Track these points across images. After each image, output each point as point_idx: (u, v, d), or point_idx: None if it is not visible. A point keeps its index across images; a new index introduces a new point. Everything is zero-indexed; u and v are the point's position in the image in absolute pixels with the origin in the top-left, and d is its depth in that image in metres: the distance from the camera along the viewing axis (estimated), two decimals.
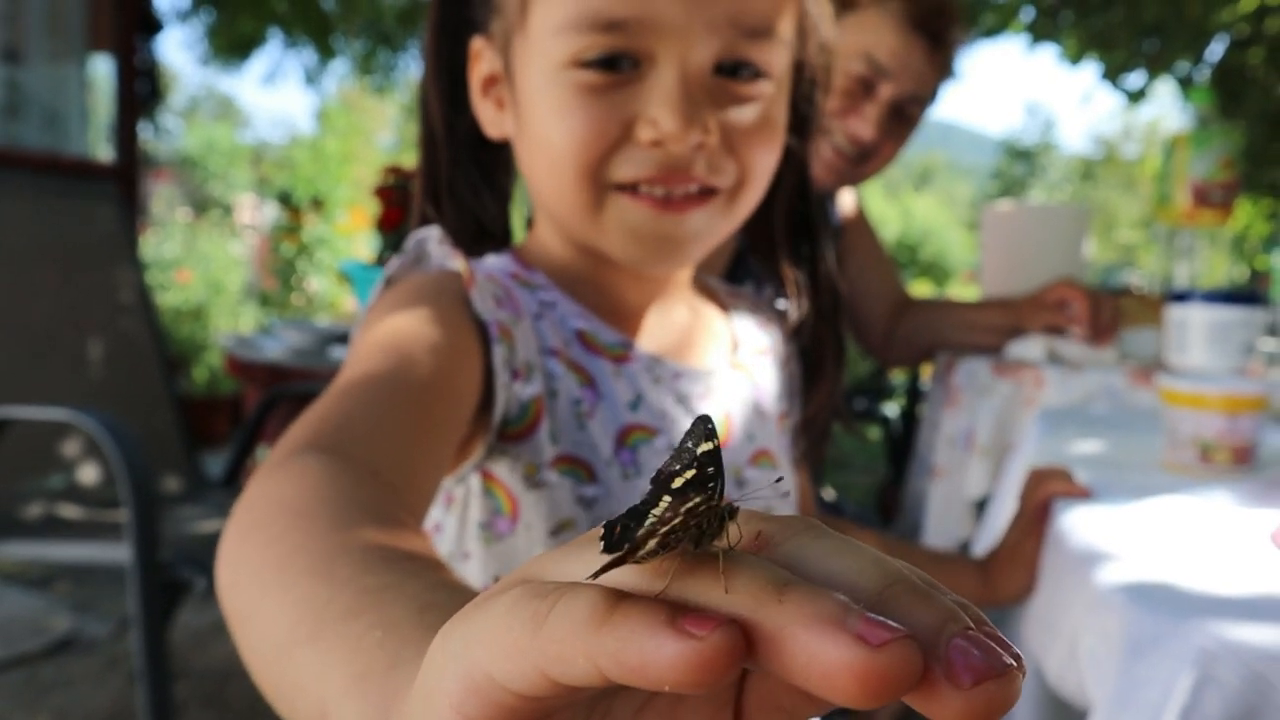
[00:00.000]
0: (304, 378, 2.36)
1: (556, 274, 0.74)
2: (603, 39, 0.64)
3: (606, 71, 0.65)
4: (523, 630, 0.22)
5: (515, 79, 0.70)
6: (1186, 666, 0.55)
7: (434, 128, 0.78)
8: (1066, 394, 1.42)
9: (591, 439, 0.68)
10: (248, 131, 26.46)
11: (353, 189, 6.95)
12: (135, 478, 1.63)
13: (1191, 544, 0.71)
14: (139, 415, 2.28)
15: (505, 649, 0.23)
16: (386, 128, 20.53)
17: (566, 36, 0.65)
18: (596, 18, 0.64)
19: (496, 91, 0.74)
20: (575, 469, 0.67)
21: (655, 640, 0.21)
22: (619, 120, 0.65)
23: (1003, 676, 0.21)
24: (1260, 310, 1.43)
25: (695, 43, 0.65)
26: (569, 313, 0.72)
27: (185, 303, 5.27)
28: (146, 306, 2.45)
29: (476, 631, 0.24)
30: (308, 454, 0.48)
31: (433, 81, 0.77)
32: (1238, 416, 0.93)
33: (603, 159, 0.66)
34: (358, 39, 4.81)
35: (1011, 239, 1.88)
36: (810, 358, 0.86)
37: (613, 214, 0.68)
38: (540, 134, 0.68)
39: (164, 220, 6.78)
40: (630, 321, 0.75)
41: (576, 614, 0.22)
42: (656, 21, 0.64)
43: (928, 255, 19.25)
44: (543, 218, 0.76)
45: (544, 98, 0.67)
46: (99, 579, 3.08)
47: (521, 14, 0.68)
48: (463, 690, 0.24)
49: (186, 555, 1.66)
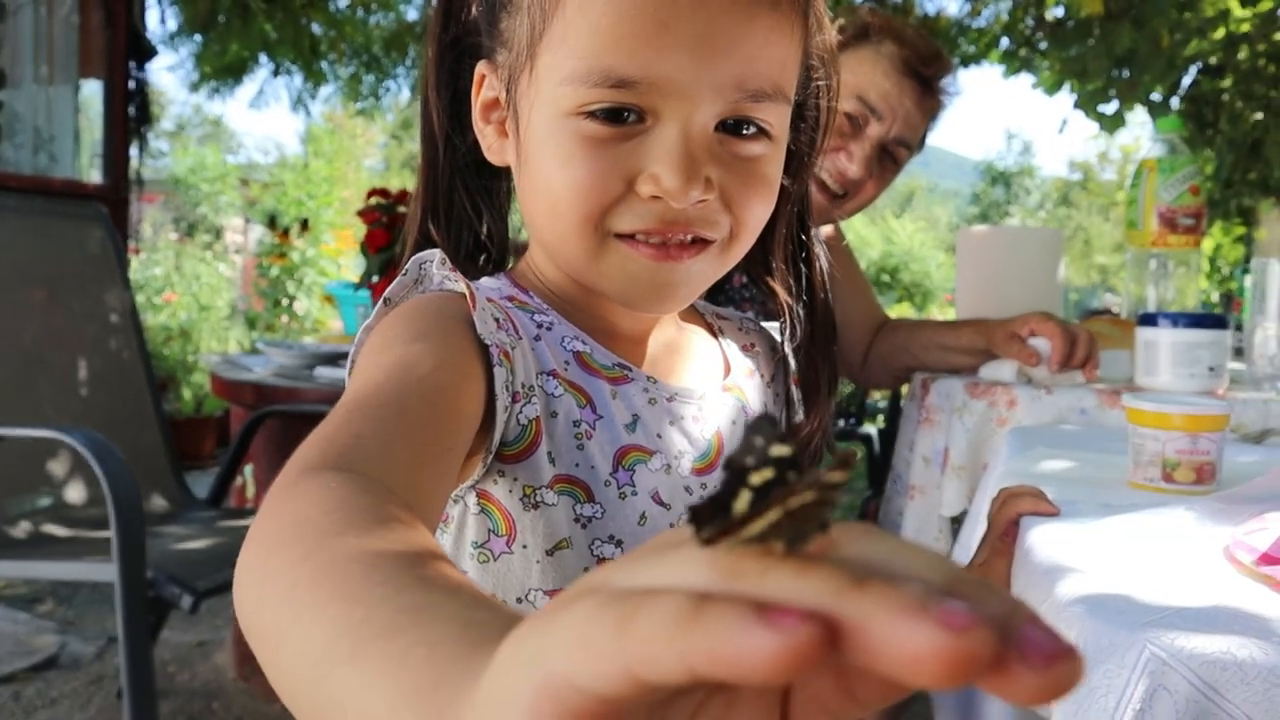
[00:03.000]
0: (290, 398, 2.37)
1: (552, 298, 0.76)
2: (610, 94, 0.65)
3: (611, 124, 0.66)
4: (609, 633, 0.23)
5: (519, 115, 0.71)
6: (1139, 675, 0.58)
7: (436, 145, 0.79)
8: (1038, 414, 1.45)
9: (590, 459, 0.69)
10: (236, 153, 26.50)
11: (339, 211, 6.98)
12: (121, 497, 1.64)
13: (1150, 559, 0.74)
14: (126, 435, 2.29)
15: (591, 653, 0.24)
16: (373, 151, 20.56)
17: (574, 87, 0.65)
18: (606, 74, 0.64)
19: (498, 117, 0.75)
20: (573, 489, 0.69)
21: (747, 634, 0.22)
22: (621, 174, 0.66)
23: (1071, 657, 0.22)
24: (1226, 333, 1.46)
25: (701, 103, 0.66)
26: (566, 334, 0.73)
27: (173, 323, 5.28)
28: (134, 328, 2.47)
29: (556, 639, 0.25)
30: (325, 472, 0.48)
31: (435, 100, 0.78)
32: (1199, 435, 0.96)
33: (604, 210, 0.67)
34: (346, 64, 4.84)
35: (986, 261, 1.91)
36: (804, 384, 0.88)
37: (613, 260, 0.69)
38: (542, 177, 0.69)
39: (152, 242, 6.78)
40: (625, 344, 0.77)
41: (665, 614, 0.23)
42: (665, 82, 0.65)
43: (909, 278, 19.36)
44: (538, 246, 0.78)
45: (547, 142, 0.68)
46: (85, 597, 3.07)
47: (529, 56, 0.68)
48: (539, 697, 0.25)
49: (172, 574, 1.68)
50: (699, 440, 0.76)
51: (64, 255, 2.40)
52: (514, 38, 0.70)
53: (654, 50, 0.64)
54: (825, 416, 0.88)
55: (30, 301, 2.29)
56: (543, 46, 0.67)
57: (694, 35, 0.64)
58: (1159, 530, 0.81)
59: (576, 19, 0.65)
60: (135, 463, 1.99)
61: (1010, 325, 1.54)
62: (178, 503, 2.33)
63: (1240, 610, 0.62)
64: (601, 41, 0.64)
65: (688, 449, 0.75)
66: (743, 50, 0.66)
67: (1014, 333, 1.53)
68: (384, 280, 2.70)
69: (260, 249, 6.67)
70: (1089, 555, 0.74)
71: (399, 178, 25.17)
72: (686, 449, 0.75)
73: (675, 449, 0.74)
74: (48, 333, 2.30)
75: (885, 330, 1.74)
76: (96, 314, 2.42)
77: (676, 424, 0.75)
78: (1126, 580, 0.68)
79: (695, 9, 0.64)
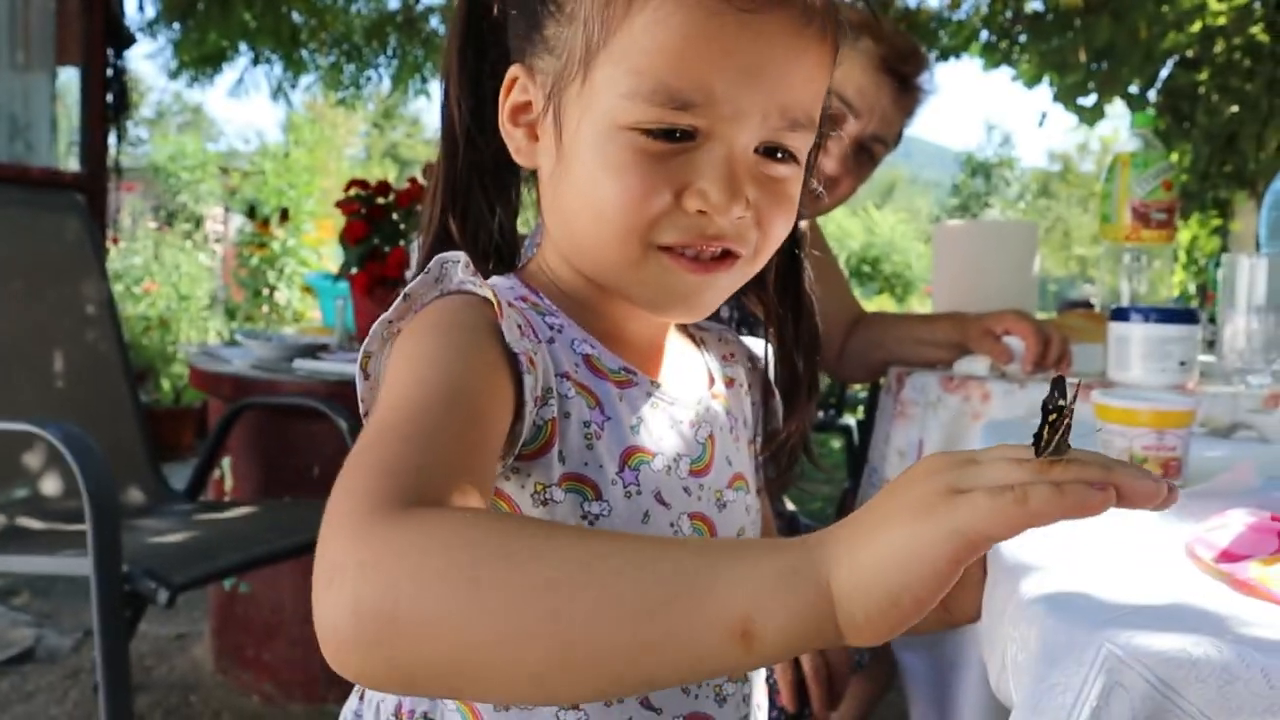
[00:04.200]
0: (268, 390, 2.37)
1: (561, 299, 0.77)
2: (670, 114, 0.67)
3: (664, 140, 0.68)
4: (1015, 508, 0.44)
5: (563, 123, 0.71)
6: (1096, 673, 0.58)
7: (456, 143, 0.79)
8: (1011, 408, 1.46)
9: (599, 459, 0.71)
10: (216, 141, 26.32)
11: (320, 201, 6.95)
12: (97, 491, 1.63)
13: (1113, 556, 0.75)
14: (103, 427, 2.28)
15: (1005, 519, 0.44)
16: (354, 140, 20.46)
17: (634, 103, 0.67)
18: (669, 94, 0.67)
19: (528, 120, 0.75)
20: (582, 487, 0.70)
21: (1091, 497, 0.44)
22: (670, 188, 0.69)
23: (1169, 488, 0.46)
24: (1196, 328, 1.48)
25: (748, 127, 0.69)
26: (576, 337, 0.75)
27: (152, 313, 5.25)
28: (112, 319, 2.46)
29: (973, 510, 0.44)
30: (423, 510, 0.49)
31: (456, 98, 0.79)
32: (1165, 431, 0.97)
33: (651, 222, 0.69)
34: (326, 54, 4.81)
35: (963, 255, 1.93)
36: (786, 388, 0.90)
37: (652, 270, 0.72)
38: (588, 186, 0.70)
39: (131, 231, 6.74)
40: (629, 349, 0.78)
41: (1047, 492, 0.44)
42: (722, 106, 0.68)
43: (890, 269, 19.44)
44: (552, 245, 0.78)
45: (598, 153, 0.69)
46: (62, 590, 3.06)
47: (584, 67, 0.69)
48: (960, 547, 0.45)
49: (148, 568, 1.67)
50: (694, 444, 0.78)
51: (41, 246, 2.39)
52: (565, 46, 0.71)
53: (716, 75, 0.67)
54: (806, 420, 0.89)
55: (6, 293, 2.27)
56: (602, 59, 0.69)
57: (754, 64, 0.68)
58: (1124, 527, 0.82)
59: (642, 37, 0.67)
60: (112, 455, 1.98)
61: (985, 322, 1.56)
62: (155, 495, 2.32)
63: (1198, 608, 0.63)
64: (666, 62, 0.67)
65: (685, 452, 0.77)
66: (791, 80, 0.70)
67: (989, 329, 1.54)
68: (363, 272, 2.70)
69: (240, 238, 6.63)
70: (1054, 554, 0.75)
71: (380, 167, 25.05)
72: (684, 452, 0.77)
73: (674, 451, 0.76)
74: (24, 324, 2.28)
75: (861, 325, 1.75)
76: (74, 305, 2.41)
77: (675, 428, 0.77)
78: (1089, 578, 0.69)
79: (757, 38, 0.67)
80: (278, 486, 2.44)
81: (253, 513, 2.21)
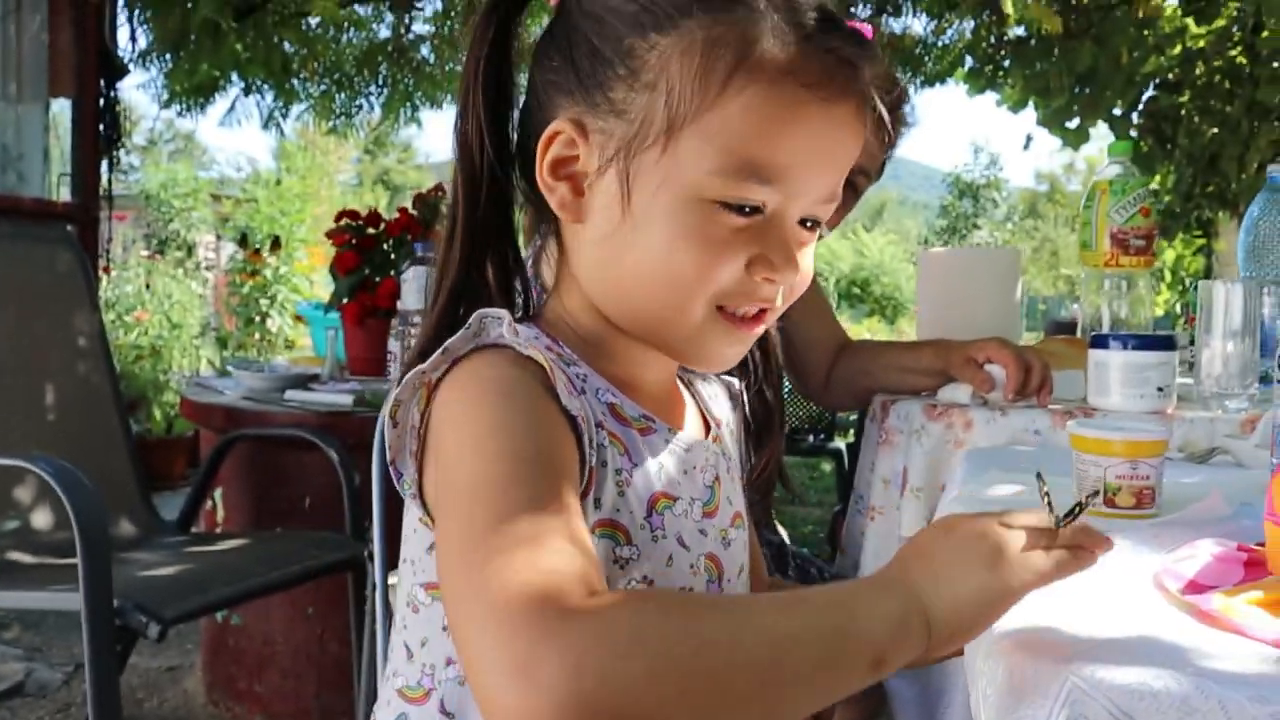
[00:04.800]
0: (259, 422, 2.38)
1: (581, 347, 0.79)
2: (750, 190, 0.71)
3: (738, 214, 0.72)
4: (1050, 570, 0.62)
5: (633, 188, 0.73)
6: (1060, 705, 0.60)
7: (479, 188, 0.79)
8: (993, 436, 1.48)
9: (629, 505, 0.74)
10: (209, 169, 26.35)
11: (312, 228, 6.97)
12: (88, 526, 1.64)
13: (1083, 588, 0.76)
14: (95, 459, 2.28)
15: (1039, 579, 0.62)
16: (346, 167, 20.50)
17: (720, 179, 0.71)
18: (753, 173, 0.71)
19: (569, 173, 0.76)
20: (615, 532, 0.73)
21: (1091, 560, 0.64)
22: (742, 258, 0.73)
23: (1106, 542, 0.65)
24: (1174, 354, 1.50)
25: (804, 204, 0.75)
26: (599, 386, 0.77)
27: (144, 341, 5.25)
28: (103, 351, 2.47)
29: (1026, 569, 0.62)
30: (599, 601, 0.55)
31: (480, 133, 0.79)
32: (1139, 461, 0.99)
33: (721, 288, 0.74)
34: (317, 83, 4.84)
35: (946, 282, 1.95)
36: (757, 419, 0.93)
37: (711, 332, 0.76)
38: (664, 251, 0.73)
39: (123, 259, 6.75)
40: (644, 396, 0.81)
41: (1068, 558, 0.63)
42: (793, 184, 0.73)
43: (880, 291, 19.51)
44: (575, 293, 0.80)
45: (677, 222, 0.72)
46: (52, 623, 3.06)
47: (666, 136, 0.71)
48: (1017, 595, 0.62)
49: (139, 602, 1.68)
50: (703, 488, 0.81)
51: (32, 278, 2.40)
52: (639, 113, 0.73)
53: (795, 157, 0.72)
54: (778, 451, 0.92)
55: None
56: (688, 132, 0.71)
57: (826, 148, 0.74)
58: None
59: (735, 118, 0.70)
60: (103, 487, 1.99)
61: (967, 350, 1.58)
62: (146, 527, 2.32)
63: (1162, 640, 0.65)
64: (756, 143, 0.71)
65: (698, 495, 0.80)
66: (846, 163, 0.76)
67: (971, 357, 1.56)
68: (354, 302, 2.72)
69: (232, 265, 6.65)
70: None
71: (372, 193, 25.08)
72: (697, 495, 0.80)
73: (690, 495, 0.79)
74: (15, 356, 2.29)
75: (847, 352, 1.77)
76: (65, 337, 2.42)
77: (689, 472, 0.80)
78: (1057, 611, 0.70)
79: (832, 126, 0.73)
80: (270, 517, 2.45)
81: (244, 545, 2.22)
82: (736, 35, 0.71)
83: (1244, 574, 0.73)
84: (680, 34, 0.71)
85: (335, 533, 2.16)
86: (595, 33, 0.75)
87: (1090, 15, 4.49)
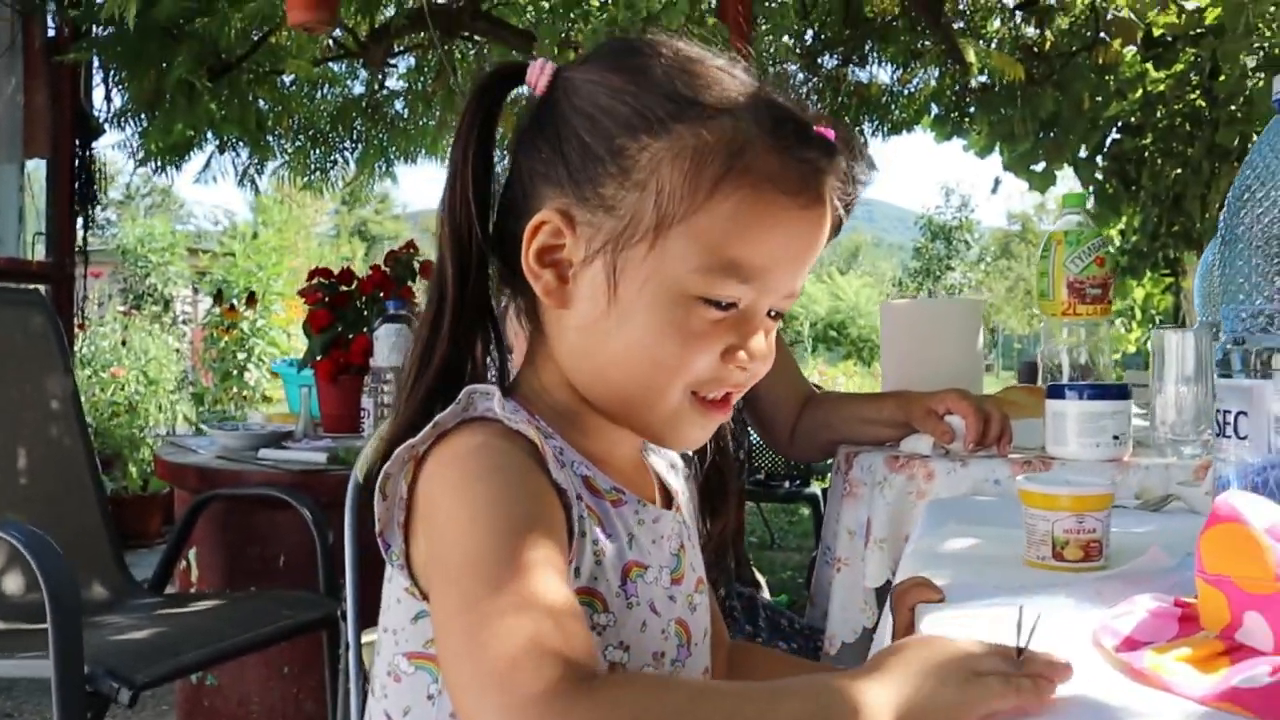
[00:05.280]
0: (234, 481, 2.38)
1: (555, 421, 0.82)
2: (731, 288, 0.76)
3: (718, 309, 0.77)
4: (1011, 696, 0.63)
5: (620, 280, 0.76)
6: None
7: (469, 269, 0.82)
8: (954, 486, 1.51)
9: (605, 574, 0.77)
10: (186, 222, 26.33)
11: (289, 281, 6.98)
12: (58, 593, 1.64)
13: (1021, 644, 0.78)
14: (67, 522, 2.28)
15: (1003, 700, 0.63)
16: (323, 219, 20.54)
17: (705, 277, 0.75)
18: (736, 273, 0.76)
19: (554, 260, 0.79)
20: (593, 600, 0.76)
21: (1048, 690, 0.65)
22: (719, 348, 0.78)
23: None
24: (1128, 403, 1.53)
25: (774, 299, 0.80)
26: (574, 460, 0.81)
27: (120, 398, 5.23)
28: (76, 414, 2.47)
29: (990, 691, 0.63)
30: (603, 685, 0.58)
31: (472, 221, 0.81)
32: (1085, 515, 1.01)
33: (698, 376, 0.78)
34: (292, 140, 4.89)
35: (909, 333, 1.98)
36: (712, 491, 0.97)
37: (686, 415, 0.80)
38: (649, 341, 0.77)
39: (99, 315, 6.74)
40: (614, 468, 0.84)
41: (1029, 686, 0.64)
42: (768, 282, 0.78)
43: (856, 333, 19.62)
44: (553, 372, 0.83)
45: (662, 314, 0.76)
46: (25, 687, 3.02)
47: (654, 234, 0.75)
48: (981, 709, 0.62)
49: (111, 667, 1.67)
50: (669, 555, 0.85)
51: (4, 340, 2.40)
52: (628, 210, 0.76)
53: (774, 259, 0.77)
54: (731, 521, 0.95)
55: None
56: (676, 232, 0.75)
57: (801, 251, 0.79)
58: (1038, 614, 0.86)
59: (722, 221, 0.75)
60: (75, 550, 1.99)
61: (928, 401, 1.60)
62: (118, 590, 2.31)
63: (1092, 699, 0.66)
64: (741, 245, 0.75)
65: (666, 563, 0.84)
66: (811, 263, 0.82)
67: (931, 409, 1.59)
68: (327, 359, 2.73)
69: (209, 319, 6.65)
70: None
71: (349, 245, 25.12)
72: (665, 563, 0.83)
73: (659, 564, 0.82)
74: None
75: (811, 405, 1.79)
76: (38, 400, 2.42)
77: (657, 541, 0.84)
78: None
79: (807, 229, 0.78)
80: (244, 576, 2.44)
81: (217, 605, 2.21)
82: (724, 143, 0.75)
83: (1178, 629, 0.75)
84: (672, 139, 0.76)
85: (310, 591, 2.16)
86: (587, 129, 0.78)
87: (1052, 62, 4.60)
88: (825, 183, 0.78)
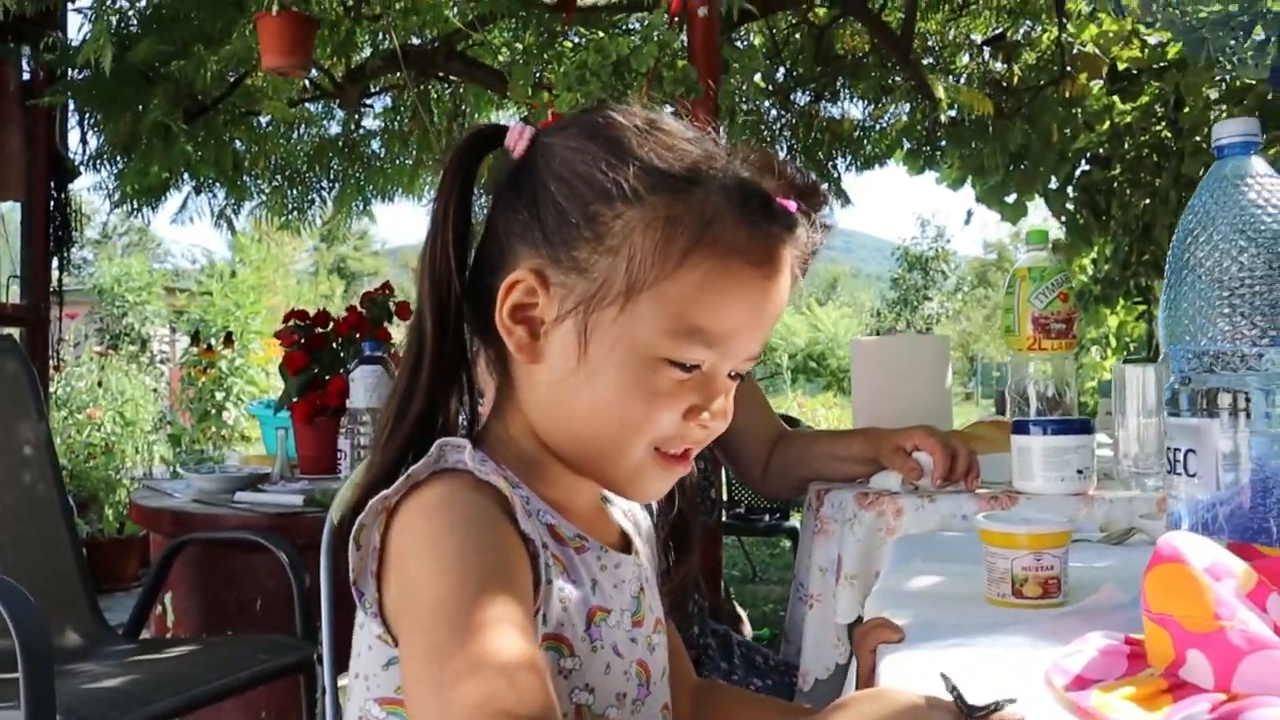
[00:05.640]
0: (209, 525, 2.37)
1: (521, 470, 0.84)
2: (697, 351, 0.80)
3: (683, 370, 0.80)
4: None
5: (590, 340, 0.80)
6: None
7: (448, 320, 0.84)
8: (922, 522, 1.53)
9: (571, 619, 0.80)
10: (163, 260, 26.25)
11: (267, 320, 6.97)
12: (30, 643, 1.64)
13: (978, 684, 0.80)
14: (40, 568, 2.27)
15: None
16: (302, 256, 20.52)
17: (672, 341, 0.79)
18: (703, 338, 0.79)
19: (526, 316, 0.82)
20: (559, 645, 0.79)
21: None
22: (682, 407, 0.81)
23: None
24: (1091, 437, 1.56)
25: (736, 362, 0.83)
26: (540, 508, 0.84)
27: (96, 439, 5.20)
28: (50, 461, 2.46)
29: None
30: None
31: (451, 276, 0.84)
32: (1043, 553, 1.03)
33: (662, 434, 0.82)
34: (269, 180, 4.90)
35: (879, 369, 2.01)
36: (676, 537, 1.00)
37: (647, 468, 0.83)
38: (616, 399, 0.80)
39: (76, 355, 6.71)
40: (577, 516, 0.87)
41: None
42: (732, 346, 0.81)
43: (835, 364, 19.70)
44: (520, 423, 0.86)
45: (630, 375, 0.79)
46: None
47: (625, 298, 0.79)
48: None
49: (83, 715, 1.67)
50: (630, 598, 0.88)
51: None
52: (601, 273, 0.79)
53: (740, 325, 0.81)
54: (693, 564, 0.98)
55: None
56: (646, 297, 0.79)
57: (765, 317, 0.83)
58: (994, 653, 0.88)
59: (691, 289, 0.78)
60: (49, 597, 1.98)
61: (896, 438, 1.63)
62: (92, 637, 2.30)
63: None
64: (708, 312, 0.79)
65: (627, 606, 0.87)
66: (771, 328, 0.86)
67: (899, 446, 1.61)
68: (304, 401, 2.73)
69: (186, 359, 6.63)
70: (929, 683, 0.79)
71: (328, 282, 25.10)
72: (626, 606, 0.86)
73: (620, 607, 0.85)
74: None
75: (782, 443, 1.81)
76: (10, 446, 2.41)
77: (618, 586, 0.87)
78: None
79: (771, 297, 0.82)
80: (220, 620, 2.43)
81: (193, 651, 2.20)
82: (694, 215, 0.79)
83: (1127, 666, 0.77)
84: (644, 209, 0.79)
85: (286, 635, 2.16)
86: (563, 194, 0.81)
87: (1020, 96, 4.69)
88: (786, 253, 0.83)
